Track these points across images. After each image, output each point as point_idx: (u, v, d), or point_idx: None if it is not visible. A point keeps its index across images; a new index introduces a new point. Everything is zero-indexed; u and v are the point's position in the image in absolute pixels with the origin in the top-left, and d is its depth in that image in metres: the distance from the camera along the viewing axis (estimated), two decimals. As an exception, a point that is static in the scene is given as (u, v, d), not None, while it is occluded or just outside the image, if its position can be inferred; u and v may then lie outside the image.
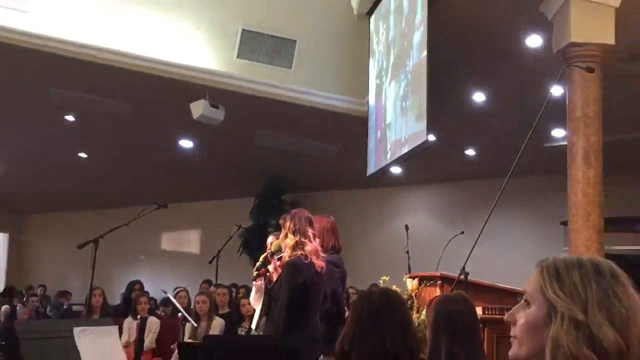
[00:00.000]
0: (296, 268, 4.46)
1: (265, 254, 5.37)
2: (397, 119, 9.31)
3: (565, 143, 7.47)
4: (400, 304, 2.91)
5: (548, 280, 1.52)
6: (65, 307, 13.59)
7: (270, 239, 5.57)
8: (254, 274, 5.48)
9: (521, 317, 1.58)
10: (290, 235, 4.67)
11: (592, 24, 7.14)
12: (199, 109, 10.34)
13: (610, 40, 7.14)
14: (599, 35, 7.15)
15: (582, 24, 7.13)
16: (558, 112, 7.46)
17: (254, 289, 5.64)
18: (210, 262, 8.99)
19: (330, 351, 3.13)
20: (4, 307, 11.99)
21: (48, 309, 13.33)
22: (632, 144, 10.60)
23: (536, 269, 1.57)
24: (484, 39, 8.51)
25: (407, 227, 8.33)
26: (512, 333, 1.61)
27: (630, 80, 8.66)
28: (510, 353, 1.63)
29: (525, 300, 1.58)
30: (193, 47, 10.77)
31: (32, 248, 19.84)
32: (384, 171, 10.51)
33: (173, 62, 10.40)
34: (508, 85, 9.71)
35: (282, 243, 4.81)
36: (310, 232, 4.68)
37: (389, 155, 9.77)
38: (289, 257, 4.62)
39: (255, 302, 5.61)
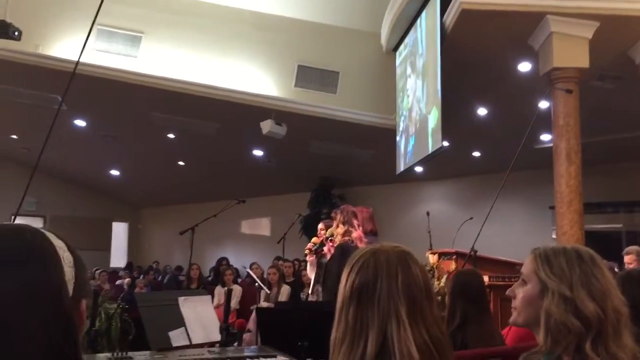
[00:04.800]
0: (344, 249, 4.45)
1: (316, 237, 5.39)
2: (417, 135, 9.23)
3: (551, 145, 7.32)
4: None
5: (540, 265, 1.50)
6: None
7: (320, 225, 5.57)
8: (305, 252, 5.51)
9: (520, 292, 1.56)
10: (340, 225, 4.67)
11: (570, 52, 6.98)
12: (267, 126, 10.41)
13: (585, 64, 6.97)
14: (576, 61, 6.99)
15: (562, 52, 6.98)
16: (545, 121, 7.32)
17: (308, 263, 5.65)
18: (279, 242, 9.02)
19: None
20: (127, 279, 12.23)
21: (165, 279, 13.40)
22: (609, 144, 10.34)
23: (531, 255, 1.55)
24: (485, 66, 8.38)
25: (428, 213, 8.26)
26: (512, 305, 1.60)
27: (601, 94, 8.43)
28: (511, 320, 1.62)
29: (523, 280, 1.56)
30: (262, 79, 10.87)
31: (146, 234, 20.24)
32: (410, 170, 10.44)
33: (247, 92, 10.52)
34: (505, 101, 9.55)
35: (334, 231, 4.82)
36: (355, 222, 4.68)
37: (413, 158, 9.70)
38: (339, 241, 4.64)
39: (310, 272, 5.61)
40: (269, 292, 7.65)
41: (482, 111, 10.19)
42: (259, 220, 17.18)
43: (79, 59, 3.74)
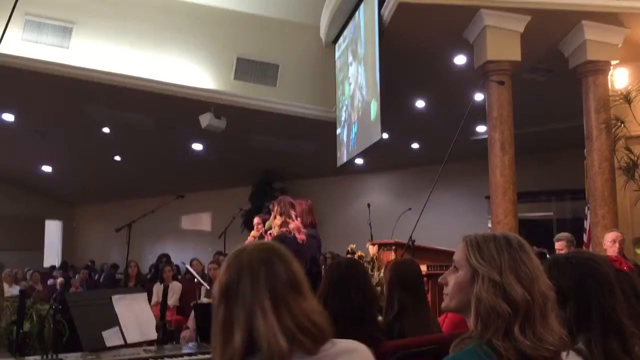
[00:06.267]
0: (281, 241, 4.44)
1: (255, 231, 5.35)
2: (359, 122, 9.29)
3: (486, 136, 7.50)
4: (360, 270, 2.91)
5: (471, 251, 1.52)
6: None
7: (256, 219, 5.55)
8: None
9: (452, 279, 1.58)
10: (277, 217, 4.65)
11: (503, 45, 7.18)
12: (205, 120, 10.26)
13: (517, 57, 7.18)
14: (509, 54, 7.19)
15: (496, 46, 7.16)
16: (481, 113, 7.50)
17: None
18: (220, 237, 8.91)
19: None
20: (60, 279, 11.85)
21: (101, 277, 13.02)
22: (541, 135, 10.69)
23: (462, 242, 1.57)
24: (423, 59, 8.50)
25: (368, 205, 8.32)
26: (444, 291, 1.61)
27: (533, 86, 8.71)
28: (443, 305, 1.64)
29: (454, 267, 1.58)
30: (200, 72, 10.67)
31: (81, 232, 19.64)
32: (350, 162, 10.50)
33: (184, 85, 10.32)
34: (442, 93, 9.73)
35: (272, 223, 4.79)
36: (292, 213, 4.66)
37: (352, 151, 9.76)
38: (277, 233, 4.61)
39: None
40: (209, 287, 7.54)
41: (420, 103, 10.36)
42: (200, 215, 16.95)
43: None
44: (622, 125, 7.29)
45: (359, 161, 12.05)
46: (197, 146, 12.85)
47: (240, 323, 1.30)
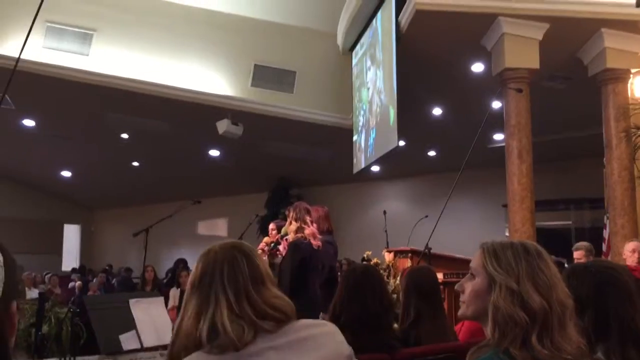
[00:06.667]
0: (297, 247, 4.44)
1: (268, 237, 5.35)
2: (376, 129, 9.28)
3: (503, 144, 7.46)
4: (377, 276, 2.90)
5: (488, 259, 1.51)
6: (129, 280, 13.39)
7: (271, 225, 5.54)
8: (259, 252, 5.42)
9: (468, 286, 1.57)
10: (293, 222, 4.64)
11: (521, 53, 7.14)
12: (223, 126, 10.31)
13: (535, 65, 7.14)
14: (527, 61, 7.15)
15: (514, 53, 7.13)
16: (498, 121, 7.46)
17: None
18: (236, 242, 8.90)
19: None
20: (78, 282, 11.92)
21: (115, 281, 13.17)
22: (559, 143, 10.61)
23: (479, 250, 1.56)
24: (440, 66, 8.49)
25: (384, 212, 8.30)
26: (461, 299, 1.60)
27: (552, 94, 8.65)
28: (460, 313, 1.63)
29: (471, 274, 1.57)
30: (218, 79, 10.75)
31: (100, 236, 19.81)
32: (366, 169, 10.49)
33: (202, 91, 10.40)
34: (459, 101, 9.70)
35: (287, 229, 4.78)
36: (308, 219, 4.64)
37: (370, 157, 9.74)
38: (292, 239, 4.60)
39: None
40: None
41: (437, 111, 10.33)
42: (216, 221, 17.01)
43: (19, 56, 3.63)
44: (642, 134, 7.22)
45: (375, 168, 12.04)
46: (215, 152, 12.92)
47: (207, 313, 1.45)
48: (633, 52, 7.35)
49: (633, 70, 7.46)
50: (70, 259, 18.77)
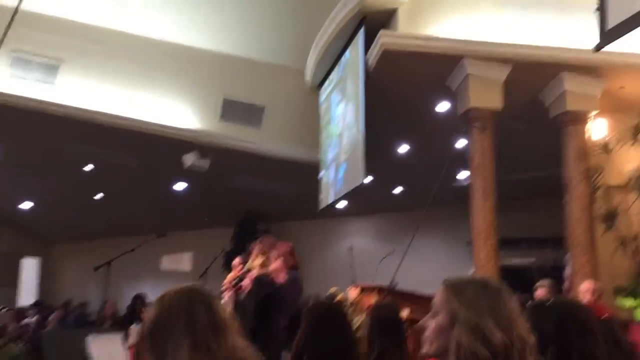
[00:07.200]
0: (261, 282, 4.40)
1: (232, 273, 5.29)
2: (347, 163, 9.32)
3: (468, 182, 7.56)
4: (340, 313, 2.87)
5: (451, 295, 1.52)
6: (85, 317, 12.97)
7: (235, 260, 5.49)
8: (222, 288, 5.34)
9: (431, 323, 1.57)
10: (259, 256, 4.61)
11: (485, 93, 7.31)
12: (189, 160, 10.25)
13: (499, 105, 7.31)
14: (491, 102, 7.32)
15: (478, 94, 7.29)
16: (463, 159, 7.58)
17: (225, 298, 5.50)
18: (200, 277, 8.77)
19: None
20: (35, 317, 11.55)
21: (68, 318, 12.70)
22: (524, 182, 10.78)
23: (442, 286, 1.56)
24: (407, 104, 8.62)
25: (351, 248, 8.29)
26: (424, 335, 1.60)
27: (515, 134, 8.83)
28: (423, 351, 1.62)
29: (435, 311, 1.57)
30: (185, 112, 10.72)
31: (60, 270, 19.26)
32: (332, 205, 10.49)
33: (169, 125, 10.35)
34: (425, 138, 9.82)
35: (252, 264, 4.74)
36: (274, 253, 4.62)
37: (339, 191, 9.75)
38: (257, 273, 4.56)
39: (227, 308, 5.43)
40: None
41: (403, 148, 10.44)
42: (181, 255, 16.72)
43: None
44: (601, 175, 7.40)
45: (342, 204, 12.05)
46: (181, 185, 12.79)
47: None
48: (592, 95, 7.58)
49: (592, 113, 7.68)
50: (28, 294, 18.16)
